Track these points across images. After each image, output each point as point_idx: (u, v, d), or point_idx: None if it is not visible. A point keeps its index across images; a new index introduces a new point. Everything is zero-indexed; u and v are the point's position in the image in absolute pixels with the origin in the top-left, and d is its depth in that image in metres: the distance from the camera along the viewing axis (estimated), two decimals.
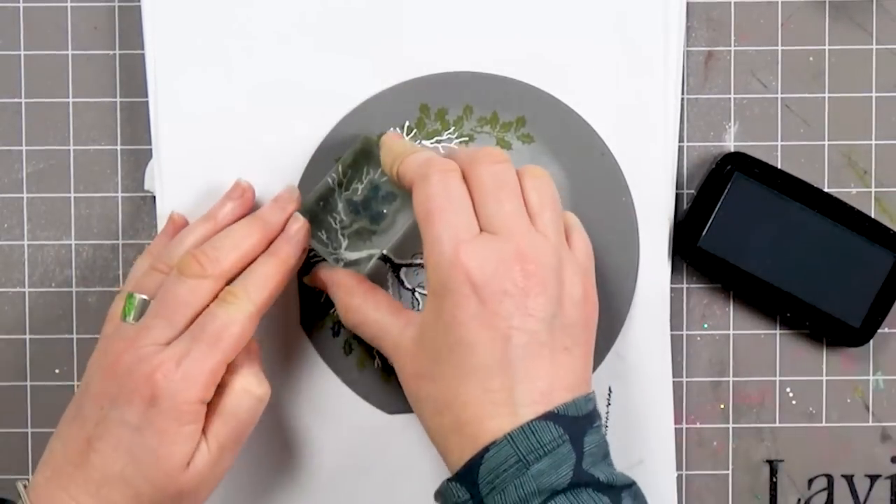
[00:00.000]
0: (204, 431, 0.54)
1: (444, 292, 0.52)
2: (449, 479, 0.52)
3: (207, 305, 0.55)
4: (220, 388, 0.55)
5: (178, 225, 0.62)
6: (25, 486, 0.54)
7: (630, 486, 0.52)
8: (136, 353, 0.54)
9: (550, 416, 0.51)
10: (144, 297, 0.56)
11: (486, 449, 0.51)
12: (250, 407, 0.55)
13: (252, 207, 0.62)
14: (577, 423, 0.52)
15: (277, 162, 0.64)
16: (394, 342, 0.56)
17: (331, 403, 0.64)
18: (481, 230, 0.53)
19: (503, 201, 0.54)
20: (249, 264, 0.57)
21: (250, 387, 0.55)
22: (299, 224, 0.59)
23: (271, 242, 0.59)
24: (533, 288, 0.52)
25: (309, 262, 0.63)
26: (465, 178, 0.55)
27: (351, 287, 0.59)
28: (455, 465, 0.52)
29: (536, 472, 0.50)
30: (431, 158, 0.55)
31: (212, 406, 0.54)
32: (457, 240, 0.52)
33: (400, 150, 0.57)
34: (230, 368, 0.55)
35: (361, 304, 0.58)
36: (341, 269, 0.60)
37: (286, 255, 0.58)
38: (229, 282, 0.56)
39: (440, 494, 0.54)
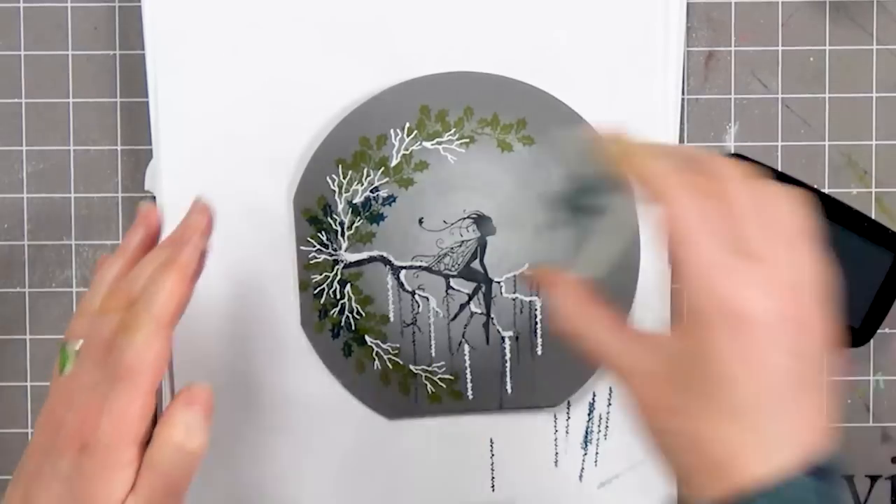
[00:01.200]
0: (134, 484, 0.50)
1: (703, 324, 0.47)
2: None
3: None
4: (154, 439, 0.51)
5: (149, 217, 0.57)
6: None
7: None
8: (67, 402, 0.51)
9: (815, 471, 0.46)
10: (76, 346, 0.53)
11: (748, 498, 0.46)
12: (182, 463, 0.51)
13: (160, 231, 0.57)
14: (834, 473, 0.47)
15: (277, 162, 0.64)
16: (633, 369, 0.50)
17: (329, 406, 0.64)
18: (738, 252, 0.48)
19: (761, 225, 0.48)
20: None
21: (178, 439, 0.51)
22: (198, 207, 0.55)
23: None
24: (803, 321, 0.48)
25: (314, 263, 0.63)
26: (714, 192, 0.49)
27: (572, 292, 0.53)
28: (699, 492, 0.48)
29: None
30: (675, 172, 0.49)
31: (144, 457, 0.51)
32: (716, 266, 0.47)
33: (633, 153, 0.50)
34: (165, 419, 0.51)
35: (581, 314, 0.52)
36: (565, 272, 0.53)
37: (183, 257, 0.53)
38: None
39: None
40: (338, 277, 0.64)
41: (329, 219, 0.63)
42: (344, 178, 0.61)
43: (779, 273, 0.47)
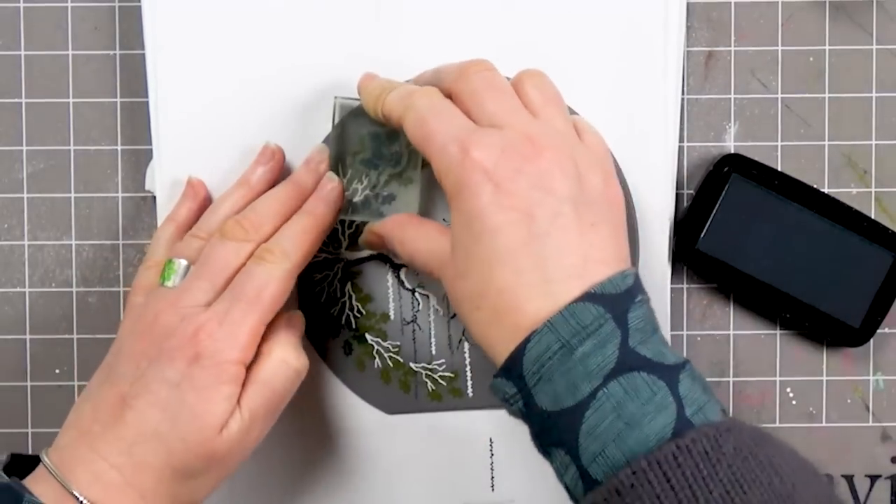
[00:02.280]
0: (239, 399, 0.54)
1: (460, 188, 0.51)
2: (495, 375, 0.51)
3: None
4: (258, 357, 0.55)
5: (197, 189, 0.62)
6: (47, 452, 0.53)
7: (684, 364, 0.50)
8: (177, 312, 0.54)
9: (588, 297, 0.49)
10: (184, 261, 0.56)
11: (528, 339, 0.49)
12: (286, 377, 0.55)
13: (282, 169, 0.62)
14: (618, 300, 0.50)
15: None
16: (439, 259, 0.55)
17: (330, 404, 0.64)
18: (475, 125, 0.53)
19: (499, 100, 0.53)
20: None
21: (287, 357, 0.55)
22: (333, 183, 0.59)
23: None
24: (547, 165, 0.51)
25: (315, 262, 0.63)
26: (452, 93, 0.54)
27: (402, 222, 0.58)
28: (499, 358, 0.51)
29: (581, 355, 0.48)
30: (411, 89, 0.55)
31: (249, 374, 0.54)
32: (459, 138, 0.51)
33: (378, 89, 0.57)
34: (269, 337, 0.55)
35: (414, 236, 0.57)
36: (395, 215, 0.59)
37: (321, 213, 0.58)
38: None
39: (491, 389, 0.53)
40: (338, 276, 0.64)
41: None
42: (344, 177, 0.61)
43: (522, 130, 0.52)
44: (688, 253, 0.63)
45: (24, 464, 0.55)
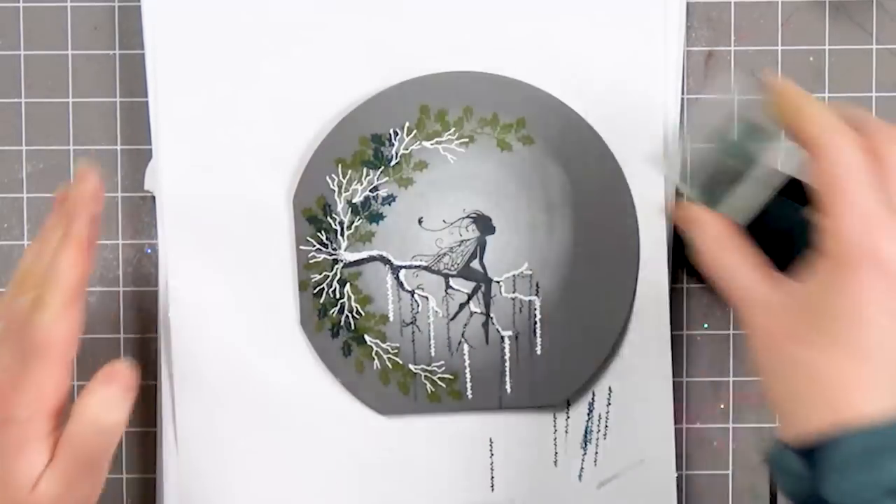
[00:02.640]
0: (52, 456, 0.51)
1: (847, 266, 0.49)
2: (787, 447, 0.50)
3: None
4: (73, 412, 0.52)
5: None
6: None
7: None
8: None
9: None
10: None
11: (851, 432, 0.47)
12: (95, 436, 0.52)
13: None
14: None
15: (277, 162, 0.64)
16: (761, 302, 0.52)
17: (328, 406, 0.64)
18: (890, 208, 0.50)
19: None
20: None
21: (97, 415, 0.52)
22: (83, 183, 0.54)
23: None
24: None
25: (314, 262, 0.63)
26: (877, 153, 0.50)
27: (719, 232, 0.55)
28: (797, 433, 0.49)
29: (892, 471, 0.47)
30: (840, 124, 0.51)
31: (64, 430, 0.52)
32: (870, 215, 0.49)
33: (799, 102, 0.52)
34: (80, 394, 0.52)
35: (726, 256, 0.54)
36: (714, 213, 0.55)
37: (76, 231, 0.53)
38: None
39: (771, 459, 0.51)
40: (337, 277, 0.64)
41: (328, 218, 0.63)
42: (343, 177, 0.61)
43: None
44: (690, 253, 0.63)
45: None
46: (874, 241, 0.48)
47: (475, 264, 0.64)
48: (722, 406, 0.66)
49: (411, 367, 0.64)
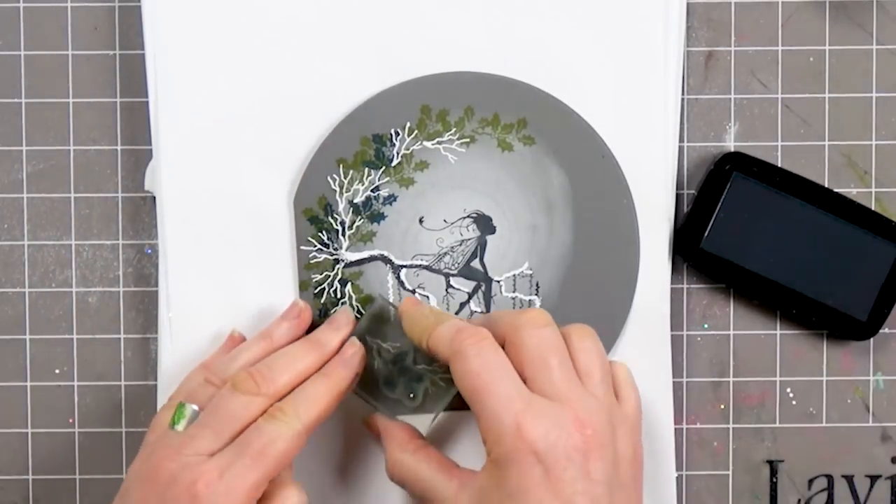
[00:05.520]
0: None
1: (508, 462, 0.52)
2: None
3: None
4: (260, 501, 0.54)
5: (237, 341, 0.62)
6: None
7: None
8: (179, 461, 0.53)
9: None
10: (195, 407, 0.56)
11: None
12: None
13: (306, 326, 0.62)
14: None
15: (278, 162, 0.64)
16: (450, 499, 0.56)
17: None
18: (531, 393, 0.53)
19: (553, 368, 0.54)
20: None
21: (288, 502, 0.55)
22: (355, 349, 0.59)
23: (325, 364, 0.59)
24: (592, 453, 0.52)
25: (314, 262, 0.63)
26: (506, 343, 0.55)
27: (403, 441, 0.59)
28: None
29: None
30: (462, 329, 0.55)
31: None
32: (514, 410, 0.52)
33: (424, 322, 0.58)
34: (272, 481, 0.54)
35: (411, 461, 0.58)
36: (396, 421, 0.60)
37: (339, 377, 0.58)
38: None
39: None
40: (338, 277, 0.64)
41: (330, 218, 0.63)
42: (345, 177, 0.61)
43: (573, 408, 0.53)
44: (692, 253, 0.63)
45: None
46: (522, 433, 0.52)
47: (476, 264, 0.64)
48: (722, 406, 0.66)
49: (412, 366, 0.64)
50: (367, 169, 0.62)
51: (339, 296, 0.64)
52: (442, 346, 0.56)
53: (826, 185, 0.66)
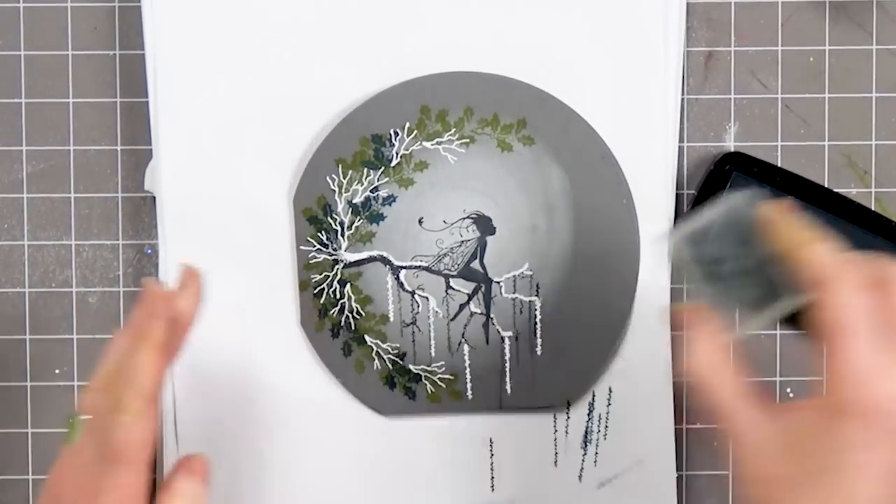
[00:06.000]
0: None
1: (847, 414, 0.48)
2: None
3: None
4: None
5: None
6: None
7: None
8: (70, 477, 0.51)
9: None
10: (83, 417, 0.52)
11: None
12: None
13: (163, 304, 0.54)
14: None
15: (277, 162, 0.64)
16: (752, 441, 0.51)
17: (328, 406, 0.64)
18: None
19: None
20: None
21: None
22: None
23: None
24: None
25: (314, 263, 0.63)
26: (879, 290, 0.50)
27: (716, 362, 0.53)
28: None
29: None
30: (849, 262, 0.50)
31: None
32: (869, 366, 0.48)
33: (801, 234, 0.52)
34: (164, 490, 0.52)
35: (723, 366, 0.52)
36: (715, 327, 0.54)
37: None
38: None
39: None
40: (337, 277, 0.64)
41: (329, 218, 0.63)
42: (344, 177, 0.61)
43: None
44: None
45: None
46: (874, 392, 0.48)
47: (475, 265, 0.64)
48: None
49: (412, 367, 0.64)
50: (366, 169, 0.62)
51: (338, 296, 0.64)
52: (822, 266, 0.50)
53: (826, 185, 0.66)
